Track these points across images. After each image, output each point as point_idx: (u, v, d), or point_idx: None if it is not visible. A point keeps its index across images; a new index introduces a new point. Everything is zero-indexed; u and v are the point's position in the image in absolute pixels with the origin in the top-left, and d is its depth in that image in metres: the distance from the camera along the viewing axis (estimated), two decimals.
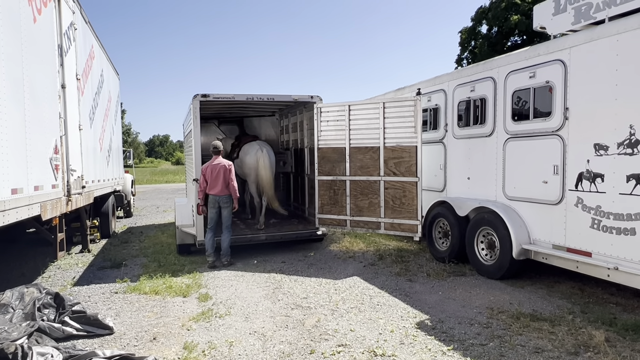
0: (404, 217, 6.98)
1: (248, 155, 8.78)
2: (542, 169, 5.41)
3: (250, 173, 8.76)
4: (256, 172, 8.72)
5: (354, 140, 7.42)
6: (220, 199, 7.21)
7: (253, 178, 8.78)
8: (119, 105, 12.40)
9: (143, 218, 13.45)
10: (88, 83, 7.93)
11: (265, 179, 8.70)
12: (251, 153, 8.83)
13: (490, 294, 5.43)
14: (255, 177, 8.76)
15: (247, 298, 5.48)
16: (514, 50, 7.63)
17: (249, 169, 8.75)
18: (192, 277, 6.41)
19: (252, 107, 9.69)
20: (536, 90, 5.48)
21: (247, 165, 8.78)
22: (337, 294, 5.59)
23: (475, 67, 6.64)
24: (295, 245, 8.44)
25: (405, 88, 8.37)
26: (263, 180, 8.83)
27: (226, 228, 7.28)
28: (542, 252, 5.47)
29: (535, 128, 5.49)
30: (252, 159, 8.69)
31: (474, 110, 6.54)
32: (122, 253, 8.21)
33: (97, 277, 6.57)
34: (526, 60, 5.61)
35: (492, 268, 6.05)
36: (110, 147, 10.32)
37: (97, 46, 9.09)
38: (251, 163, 8.68)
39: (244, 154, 8.96)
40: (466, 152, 6.71)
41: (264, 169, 8.72)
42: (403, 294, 5.51)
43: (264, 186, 8.84)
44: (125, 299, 5.50)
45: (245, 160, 8.84)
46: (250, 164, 8.70)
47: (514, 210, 5.83)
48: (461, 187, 6.86)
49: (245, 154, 8.90)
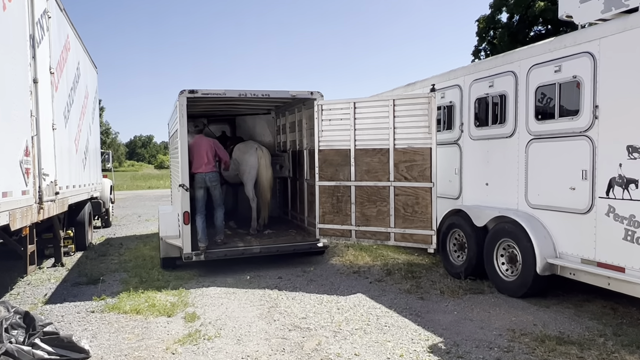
0: (417, 226, 6.99)
1: (247, 154, 9.01)
2: (569, 174, 5.43)
3: (249, 172, 8.96)
4: (257, 172, 8.94)
5: (360, 141, 7.45)
6: (208, 176, 7.61)
7: (251, 177, 8.98)
8: (96, 102, 12.45)
9: (123, 228, 13.46)
10: (63, 77, 7.98)
11: (266, 179, 8.98)
12: (250, 151, 9.05)
13: (512, 314, 5.43)
14: (254, 177, 8.96)
15: (239, 318, 5.48)
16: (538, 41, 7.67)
17: (248, 167, 8.95)
18: (177, 294, 6.41)
19: (245, 104, 9.73)
20: (562, 86, 5.50)
21: (246, 164, 8.97)
22: (340, 313, 5.59)
23: (494, 60, 6.68)
24: (293, 258, 8.44)
25: (416, 84, 8.40)
26: (264, 181, 9.00)
27: (219, 205, 7.78)
28: (569, 267, 5.47)
29: (561, 128, 5.51)
30: (253, 157, 8.94)
31: (493, 108, 6.56)
32: (99, 267, 8.22)
33: (71, 294, 6.57)
34: (551, 53, 5.64)
35: (513, 285, 6.05)
36: (87, 148, 10.35)
37: (73, 36, 9.15)
38: (252, 162, 8.93)
39: (240, 152, 9.12)
40: (484, 154, 6.73)
41: (265, 169, 8.98)
42: (414, 314, 5.51)
43: (263, 188, 9.01)
44: (103, 319, 5.51)
45: (243, 159, 9.02)
46: (250, 162, 8.94)
47: (537, 220, 5.84)
48: (479, 194, 6.87)
49: (244, 153, 9.08)
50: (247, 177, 9.09)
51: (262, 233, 9.02)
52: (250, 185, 9.10)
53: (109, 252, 9.56)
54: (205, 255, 7.39)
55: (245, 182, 9.17)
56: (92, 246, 10.29)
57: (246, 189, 9.20)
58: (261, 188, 9.18)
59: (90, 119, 10.92)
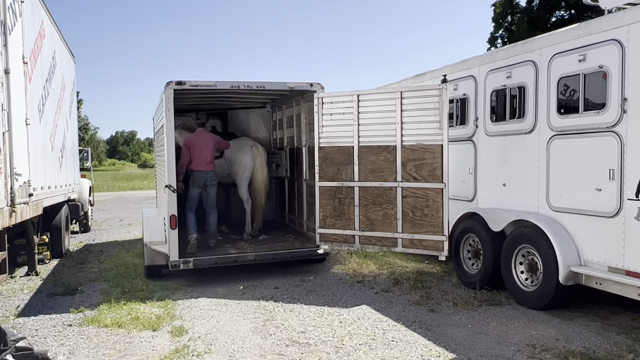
0: (427, 231, 6.99)
1: (241, 152, 9.10)
2: (594, 173, 5.42)
3: (243, 172, 9.07)
4: (251, 172, 9.06)
5: (364, 137, 7.44)
6: (207, 176, 8.01)
7: (246, 177, 9.10)
8: (74, 94, 12.46)
9: (103, 233, 13.47)
10: (37, 68, 7.98)
11: (262, 180, 9.12)
12: (245, 149, 9.13)
13: (532, 328, 5.43)
14: (248, 177, 9.08)
15: (232, 332, 5.48)
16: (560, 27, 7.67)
17: (242, 167, 9.06)
18: (163, 305, 6.41)
19: (238, 97, 9.74)
20: (587, 77, 5.50)
21: (239, 163, 9.07)
22: (343, 327, 5.59)
23: (512, 48, 6.68)
24: (290, 266, 8.44)
25: (426, 74, 8.41)
26: (259, 182, 9.13)
27: (212, 208, 8.13)
28: (595, 276, 5.46)
29: (586, 123, 5.51)
30: (247, 156, 9.06)
31: (511, 101, 6.56)
32: (77, 276, 8.22)
33: (46, 306, 6.57)
34: (575, 40, 5.64)
35: (533, 296, 6.05)
36: (64, 146, 10.35)
37: (49, 22, 9.15)
38: (246, 161, 9.05)
39: (234, 150, 9.17)
40: (501, 152, 6.73)
41: (260, 168, 9.11)
42: (424, 328, 5.50)
43: (258, 189, 9.12)
44: (81, 333, 5.50)
45: (237, 157, 9.10)
46: (245, 161, 9.05)
47: (560, 225, 5.84)
48: (495, 196, 6.87)
49: (237, 151, 9.15)
50: (240, 177, 9.13)
51: (256, 238, 9.02)
52: (244, 186, 9.16)
53: (88, 260, 9.55)
54: (194, 263, 7.39)
55: (239, 183, 9.20)
56: (69, 253, 10.28)
57: (239, 190, 9.23)
58: (256, 189, 9.22)
59: (67, 113, 10.91)
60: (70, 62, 11.59)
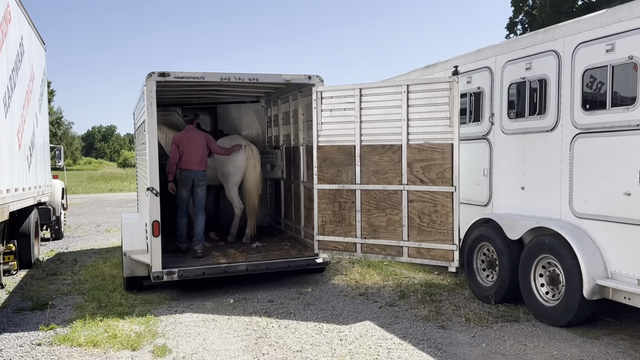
0: (435, 239, 7.00)
1: (233, 152, 9.21)
2: (623, 176, 5.43)
3: (234, 174, 9.25)
4: (243, 174, 9.25)
5: (366, 136, 7.45)
6: (196, 175, 8.36)
7: (237, 180, 9.29)
8: (45, 85, 12.45)
9: (78, 240, 13.46)
10: (2, 56, 7.97)
11: (255, 183, 9.30)
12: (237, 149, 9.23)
13: (553, 347, 5.43)
14: (239, 180, 9.29)
15: (220, 352, 5.47)
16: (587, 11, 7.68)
17: (234, 168, 9.24)
18: (144, 322, 6.40)
19: (228, 90, 9.75)
20: (615, 69, 5.51)
21: (231, 164, 9.24)
22: (344, 345, 5.59)
23: (532, 36, 6.69)
24: (286, 277, 8.45)
25: (437, 65, 8.42)
26: (251, 186, 9.30)
27: (200, 209, 8.46)
28: (623, 290, 5.47)
29: (614, 120, 5.51)
30: (240, 156, 9.24)
31: (531, 95, 6.57)
32: (48, 289, 8.21)
33: (12, 323, 6.55)
34: (602, 28, 5.65)
35: (555, 311, 6.05)
36: (33, 143, 10.35)
37: (15, 5, 9.14)
38: (239, 162, 9.24)
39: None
40: (519, 152, 6.74)
41: (253, 171, 9.30)
42: (433, 347, 5.51)
43: (250, 193, 9.32)
44: (52, 354, 5.49)
45: (229, 158, 9.24)
46: (237, 162, 9.23)
47: (584, 233, 5.84)
48: (512, 201, 6.87)
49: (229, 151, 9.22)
50: (231, 179, 9.28)
51: (249, 246, 9.03)
52: (235, 189, 9.33)
53: (60, 271, 9.54)
54: (179, 274, 7.38)
55: (228, 186, 9.29)
56: (39, 263, 10.26)
57: (229, 193, 9.34)
58: (248, 193, 9.31)
59: (36, 106, 10.91)
60: (40, 49, 11.58)
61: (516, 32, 29.03)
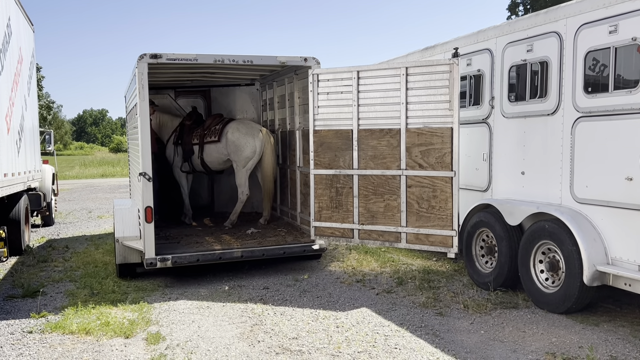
0: (434, 225, 7.01)
1: (250, 137, 9.24)
2: (625, 160, 5.43)
3: (250, 158, 9.25)
4: (259, 159, 9.30)
5: (364, 119, 7.43)
6: None
7: (251, 166, 9.34)
8: (34, 68, 12.36)
9: (69, 227, 13.45)
10: None
11: (272, 167, 9.42)
12: (254, 133, 9.27)
13: (552, 334, 5.47)
14: (253, 164, 9.34)
15: (215, 339, 5.50)
16: None
17: (250, 152, 9.23)
18: (138, 309, 6.42)
19: (222, 73, 9.69)
20: (618, 51, 5.48)
21: (247, 149, 9.22)
22: (340, 332, 5.62)
23: (533, 17, 6.65)
24: (282, 264, 8.47)
25: (436, 47, 8.37)
26: (268, 169, 9.40)
27: None
28: (624, 277, 5.49)
29: (617, 103, 5.50)
30: (257, 141, 9.22)
31: (532, 78, 6.55)
32: (39, 276, 8.22)
33: (3, 311, 6.56)
34: (605, 9, 5.62)
35: (554, 298, 6.09)
36: (23, 127, 10.29)
37: None
38: (257, 147, 9.22)
39: (240, 134, 9.28)
40: (520, 136, 6.73)
41: (271, 155, 9.38)
42: (430, 334, 5.54)
43: (268, 176, 9.44)
44: (43, 341, 5.51)
45: (245, 143, 9.24)
46: (252, 146, 9.21)
47: (585, 218, 5.86)
48: (512, 186, 6.88)
49: (245, 135, 9.27)
50: (245, 165, 9.31)
51: (244, 232, 9.04)
52: (246, 175, 9.36)
53: (51, 257, 9.54)
54: (173, 260, 7.39)
55: (242, 171, 9.34)
56: (29, 250, 10.26)
57: (239, 178, 9.40)
58: (265, 178, 9.48)
59: (25, 89, 10.84)
60: (28, 30, 11.48)
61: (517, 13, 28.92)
